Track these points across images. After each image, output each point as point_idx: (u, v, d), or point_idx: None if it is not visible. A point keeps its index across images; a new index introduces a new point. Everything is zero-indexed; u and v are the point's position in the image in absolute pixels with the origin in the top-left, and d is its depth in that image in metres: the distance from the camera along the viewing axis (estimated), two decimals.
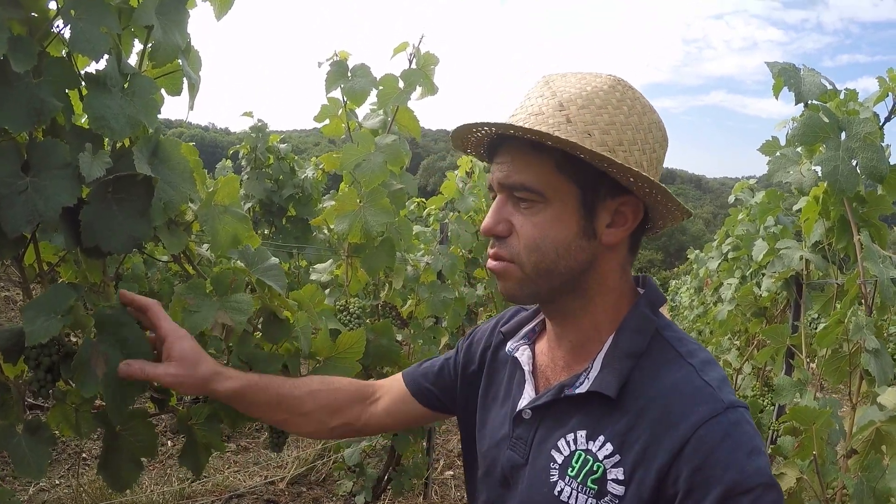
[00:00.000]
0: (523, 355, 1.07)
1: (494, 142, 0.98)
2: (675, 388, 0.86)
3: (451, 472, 4.38)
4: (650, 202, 0.93)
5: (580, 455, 0.89)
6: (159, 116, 1.24)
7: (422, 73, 2.20)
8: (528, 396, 1.02)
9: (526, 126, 0.88)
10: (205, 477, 3.67)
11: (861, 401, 1.81)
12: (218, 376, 1.18)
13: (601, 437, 0.88)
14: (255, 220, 5.56)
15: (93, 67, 1.14)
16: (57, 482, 3.43)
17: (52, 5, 1.09)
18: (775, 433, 2.40)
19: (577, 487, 0.87)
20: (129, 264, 3.42)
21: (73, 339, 1.31)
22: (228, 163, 5.58)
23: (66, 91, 1.10)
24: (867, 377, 1.72)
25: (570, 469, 0.89)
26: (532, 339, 1.10)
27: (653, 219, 0.98)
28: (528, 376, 1.04)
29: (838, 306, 1.93)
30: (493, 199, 0.99)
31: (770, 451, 1.95)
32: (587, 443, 0.89)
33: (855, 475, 1.54)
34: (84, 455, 3.75)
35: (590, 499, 0.86)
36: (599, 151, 0.85)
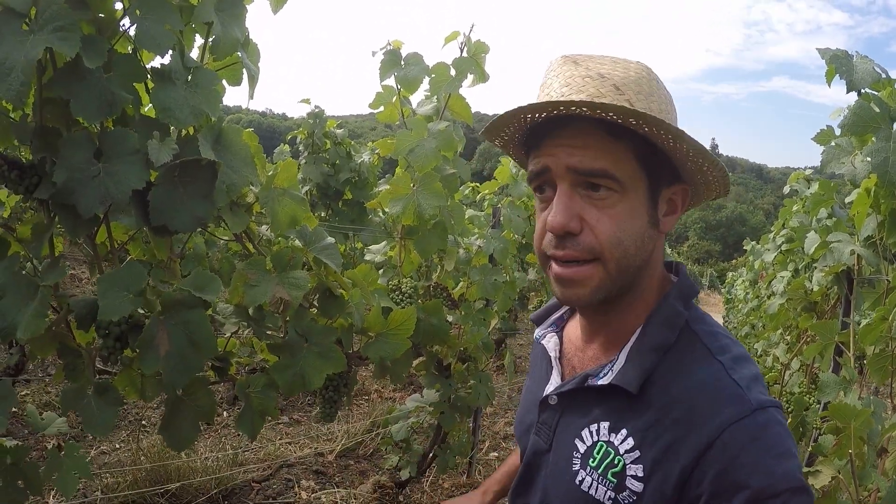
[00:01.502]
0: (549, 342, 1.08)
1: (545, 126, 0.89)
2: (701, 387, 0.82)
3: (496, 454, 4.44)
4: (701, 184, 0.93)
5: (602, 446, 0.88)
6: None
7: (473, 61, 2.23)
8: (554, 382, 1.02)
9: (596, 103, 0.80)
10: (258, 446, 3.84)
11: None
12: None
13: (623, 431, 0.86)
14: (312, 203, 5.71)
15: (158, 62, 1.23)
16: (118, 446, 3.67)
17: (118, 6, 1.19)
18: (818, 431, 2.36)
19: (598, 479, 0.87)
20: (191, 244, 3.59)
21: (142, 311, 1.41)
22: (286, 147, 5.74)
23: (134, 84, 1.19)
24: None
25: (592, 460, 0.88)
26: (560, 326, 1.11)
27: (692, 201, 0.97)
28: (554, 363, 1.05)
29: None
30: (537, 189, 0.92)
31: (811, 449, 1.91)
32: (609, 434, 0.88)
33: (890, 478, 1.51)
34: (143, 422, 3.98)
35: (609, 491, 0.85)
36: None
